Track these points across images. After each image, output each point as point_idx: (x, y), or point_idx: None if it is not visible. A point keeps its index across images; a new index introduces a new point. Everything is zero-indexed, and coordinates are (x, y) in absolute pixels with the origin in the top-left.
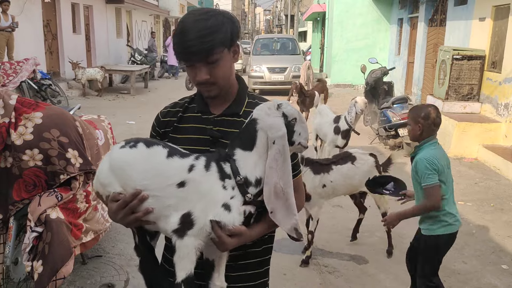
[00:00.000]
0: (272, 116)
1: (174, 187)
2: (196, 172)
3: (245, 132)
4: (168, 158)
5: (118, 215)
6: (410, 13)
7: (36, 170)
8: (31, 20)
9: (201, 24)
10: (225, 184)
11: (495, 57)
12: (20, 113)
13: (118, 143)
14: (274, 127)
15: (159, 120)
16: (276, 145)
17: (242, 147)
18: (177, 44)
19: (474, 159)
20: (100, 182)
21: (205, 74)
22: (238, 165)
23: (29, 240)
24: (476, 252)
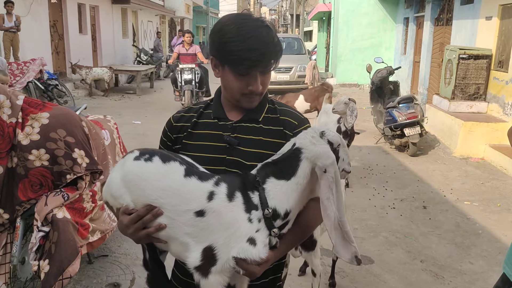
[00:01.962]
0: (318, 145)
1: (191, 215)
2: (217, 201)
3: (285, 160)
4: (185, 177)
5: (129, 229)
6: (416, 12)
7: (43, 170)
8: (38, 20)
9: (270, 32)
10: (251, 216)
11: (501, 56)
12: (27, 113)
13: (131, 152)
14: (323, 155)
15: (171, 125)
16: (328, 173)
17: (277, 176)
18: (248, 51)
19: (480, 159)
20: (111, 193)
21: (260, 84)
22: (267, 195)
23: (35, 239)
24: (483, 253)
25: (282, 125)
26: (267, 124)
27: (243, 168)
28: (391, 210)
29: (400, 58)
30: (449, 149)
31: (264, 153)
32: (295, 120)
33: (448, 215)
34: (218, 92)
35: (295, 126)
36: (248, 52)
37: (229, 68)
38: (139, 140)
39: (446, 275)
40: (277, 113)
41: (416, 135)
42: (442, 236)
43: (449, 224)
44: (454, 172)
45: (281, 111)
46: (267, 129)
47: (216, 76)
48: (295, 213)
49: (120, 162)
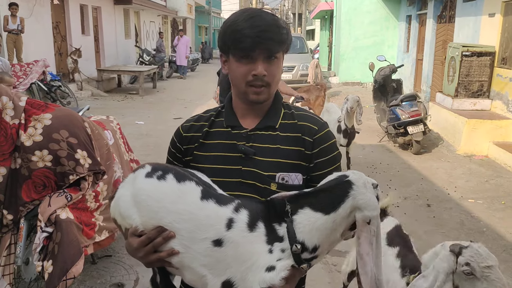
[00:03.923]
0: (370, 192)
1: (208, 244)
2: (235, 231)
3: (329, 191)
4: (202, 200)
5: (139, 253)
6: (418, 10)
7: (46, 171)
8: (41, 22)
9: (277, 19)
10: (273, 248)
11: (505, 53)
12: (30, 115)
13: (142, 168)
14: (372, 205)
15: (181, 135)
16: (371, 226)
17: (314, 207)
18: (250, 28)
19: (484, 157)
20: (120, 212)
21: (264, 69)
22: (296, 227)
23: (39, 240)
24: None
25: (301, 131)
26: (285, 131)
27: (260, 179)
28: (395, 208)
29: (403, 56)
30: (452, 146)
31: (282, 162)
32: (315, 125)
33: (452, 213)
34: (230, 98)
35: (315, 131)
36: (249, 29)
37: (232, 54)
38: (142, 140)
39: None
40: (294, 118)
41: (419, 133)
42: (446, 234)
43: (453, 222)
44: (458, 170)
45: (299, 116)
46: (284, 136)
47: (225, 72)
48: (324, 249)
49: (130, 178)
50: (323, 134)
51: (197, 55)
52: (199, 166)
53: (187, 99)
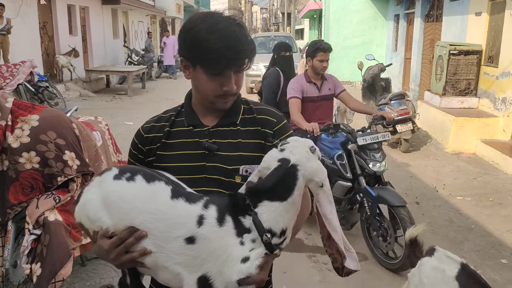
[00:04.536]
0: (313, 160)
1: (181, 242)
2: (207, 227)
3: (281, 181)
4: (173, 199)
5: (110, 254)
6: (406, 9)
7: (33, 172)
8: (27, 22)
9: (243, 31)
10: (243, 239)
11: (491, 51)
12: (17, 116)
13: (109, 170)
14: (319, 171)
15: (142, 136)
16: (325, 187)
17: (271, 198)
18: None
19: (472, 154)
20: (88, 216)
21: (234, 84)
22: (261, 218)
23: (27, 242)
24: (476, 247)
25: (261, 124)
26: (245, 126)
27: (225, 174)
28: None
29: (391, 55)
30: (441, 144)
31: (245, 155)
32: (274, 118)
33: (441, 211)
34: (189, 97)
35: (274, 123)
36: (223, 50)
37: (203, 68)
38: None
39: None
40: (253, 112)
41: (408, 132)
42: (435, 231)
43: (442, 219)
44: (446, 167)
45: (258, 110)
46: (245, 130)
47: (187, 77)
48: (291, 229)
49: (97, 181)
50: (282, 126)
51: None
52: (163, 166)
53: (176, 99)
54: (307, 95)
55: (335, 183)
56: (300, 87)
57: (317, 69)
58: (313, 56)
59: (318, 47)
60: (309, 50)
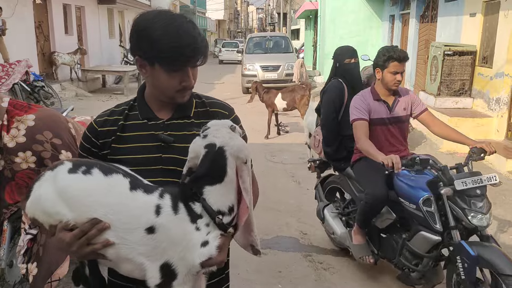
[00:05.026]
0: (235, 138)
1: (142, 232)
2: (164, 216)
3: (213, 165)
4: (131, 191)
5: (72, 247)
6: (401, 10)
7: (29, 172)
8: (23, 21)
9: (196, 28)
10: (198, 225)
11: (486, 52)
12: (12, 116)
13: (61, 164)
14: (243, 148)
15: (96, 130)
16: (247, 163)
17: (210, 183)
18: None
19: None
20: (44, 210)
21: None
22: (209, 202)
23: (23, 242)
24: None
25: (213, 117)
26: (199, 118)
27: (181, 164)
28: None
29: None
30: (435, 144)
31: None
32: (225, 110)
33: None
34: (141, 91)
35: (226, 116)
36: (181, 48)
37: (161, 66)
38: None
39: None
40: (206, 106)
41: None
42: None
43: None
44: None
45: (210, 103)
46: (199, 122)
47: (144, 76)
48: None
49: (49, 176)
50: (233, 119)
51: None
52: (118, 158)
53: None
54: (374, 116)
55: (416, 233)
56: (366, 106)
57: (388, 84)
58: (384, 67)
59: (391, 56)
60: (378, 59)
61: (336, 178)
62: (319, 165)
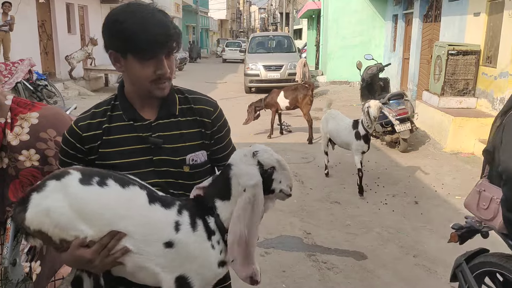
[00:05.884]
0: (246, 164)
1: (161, 246)
2: (183, 232)
3: (219, 179)
4: (150, 204)
5: (94, 262)
6: (405, 9)
7: (33, 170)
8: (26, 20)
9: (167, 16)
10: (213, 242)
11: (490, 52)
12: (16, 113)
13: (68, 174)
14: (245, 176)
15: (80, 136)
16: (246, 193)
17: (220, 197)
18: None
19: (470, 154)
20: (56, 224)
21: (167, 67)
22: (221, 218)
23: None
24: (475, 247)
25: (198, 114)
26: (184, 116)
27: (173, 165)
28: (383, 205)
29: (390, 55)
30: (439, 144)
31: (189, 145)
32: (210, 106)
33: (440, 210)
34: (121, 89)
35: (212, 112)
36: (152, 36)
37: (134, 56)
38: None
39: (439, 269)
40: (190, 102)
41: (406, 131)
42: (434, 231)
43: (441, 218)
44: (445, 167)
45: (193, 99)
46: (184, 121)
47: (119, 70)
48: None
49: (57, 187)
50: (218, 114)
51: (185, 54)
52: (108, 163)
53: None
54: None
55: None
56: None
57: None
58: None
59: None
60: None
61: (501, 260)
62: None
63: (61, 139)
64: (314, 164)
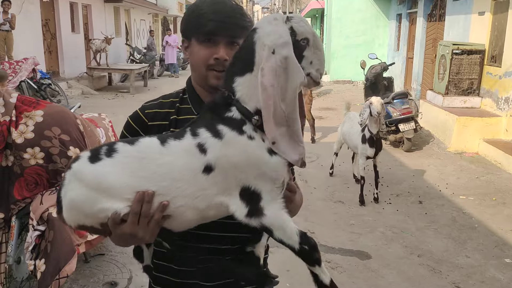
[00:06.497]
0: (274, 25)
1: (202, 177)
2: (212, 149)
3: (241, 49)
4: (164, 145)
5: (138, 235)
6: (409, 9)
7: (38, 168)
8: (30, 19)
9: (240, 7)
10: (247, 134)
11: (494, 51)
12: (21, 111)
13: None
14: (274, 34)
15: (146, 124)
16: (276, 55)
17: (240, 73)
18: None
19: (475, 154)
20: (85, 213)
21: (226, 54)
22: (244, 101)
23: (31, 239)
24: (479, 246)
25: None
26: None
27: None
28: (387, 205)
29: (394, 54)
30: (443, 144)
31: None
32: None
33: (444, 210)
34: (189, 82)
35: None
36: (212, 14)
37: (194, 38)
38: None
39: (443, 269)
40: None
41: (410, 131)
42: (438, 230)
43: (445, 218)
44: (449, 167)
45: None
46: None
47: (186, 57)
48: None
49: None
50: None
51: None
52: None
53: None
54: None
55: None
56: None
57: None
58: None
59: None
60: None
61: None
62: None
63: (65, 137)
64: (318, 163)
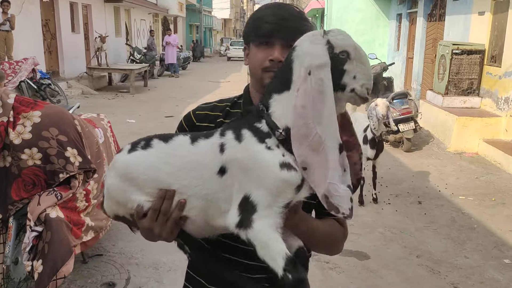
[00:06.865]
0: (311, 43)
1: (216, 178)
2: (229, 149)
3: (282, 66)
4: (193, 144)
5: (154, 230)
6: (409, 9)
7: (35, 169)
8: (30, 19)
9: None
10: (268, 144)
11: (494, 51)
12: (19, 112)
13: (121, 150)
14: (311, 54)
15: (194, 124)
16: (312, 76)
17: (277, 90)
18: (271, 15)
19: (474, 154)
20: (117, 201)
21: (281, 56)
22: (275, 117)
23: (29, 239)
24: (478, 247)
25: None
26: None
27: None
28: (386, 205)
29: (394, 54)
30: (443, 144)
31: None
32: None
33: (443, 210)
34: (247, 89)
35: None
36: (270, 16)
37: (253, 42)
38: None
39: (442, 269)
40: None
41: (410, 131)
42: (437, 231)
43: (445, 219)
44: (449, 167)
45: None
46: None
47: (246, 64)
48: None
49: (111, 166)
50: None
51: (188, 53)
52: None
53: (178, 97)
54: None
55: None
56: None
57: None
58: None
59: None
60: None
61: None
62: None
63: (63, 137)
64: None
